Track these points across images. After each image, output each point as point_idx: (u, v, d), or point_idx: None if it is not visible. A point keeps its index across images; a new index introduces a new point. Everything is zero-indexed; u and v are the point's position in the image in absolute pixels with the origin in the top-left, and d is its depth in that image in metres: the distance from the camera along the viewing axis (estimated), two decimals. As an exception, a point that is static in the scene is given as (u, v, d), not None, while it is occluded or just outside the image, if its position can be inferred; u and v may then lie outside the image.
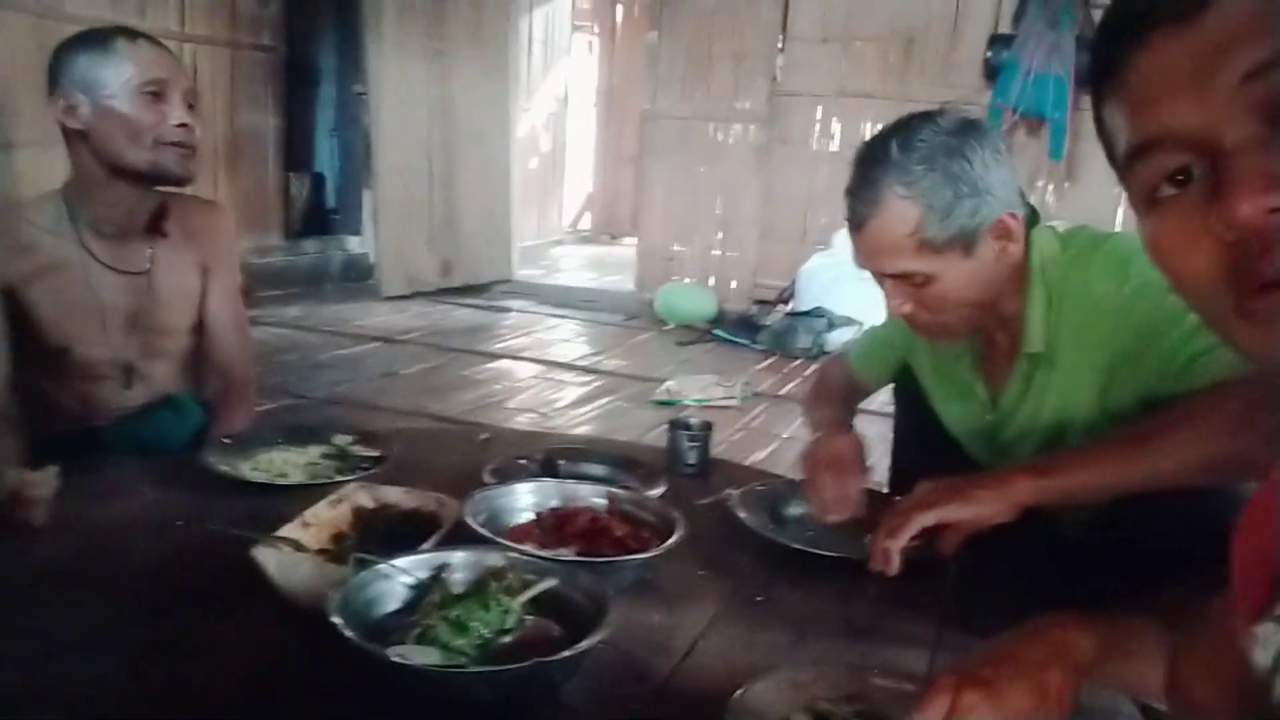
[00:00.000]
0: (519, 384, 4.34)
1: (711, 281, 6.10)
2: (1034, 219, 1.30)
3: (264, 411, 1.90)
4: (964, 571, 1.15)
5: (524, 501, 1.28)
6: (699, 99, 5.97)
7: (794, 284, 5.49)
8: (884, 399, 1.75)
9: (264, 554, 1.01)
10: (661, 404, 3.99)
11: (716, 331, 5.52)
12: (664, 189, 6.21)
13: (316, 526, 1.14)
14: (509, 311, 6.05)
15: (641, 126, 6.52)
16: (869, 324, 1.73)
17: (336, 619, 0.86)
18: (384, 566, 0.98)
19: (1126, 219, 4.52)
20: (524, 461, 1.49)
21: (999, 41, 5.12)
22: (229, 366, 1.79)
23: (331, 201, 6.71)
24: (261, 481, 1.37)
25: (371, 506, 1.22)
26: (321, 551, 1.10)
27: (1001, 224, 1.22)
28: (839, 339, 4.80)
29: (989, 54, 5.15)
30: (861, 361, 1.67)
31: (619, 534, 1.20)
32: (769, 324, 5.32)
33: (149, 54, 1.55)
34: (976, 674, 0.78)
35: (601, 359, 4.89)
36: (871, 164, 1.22)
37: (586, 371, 4.60)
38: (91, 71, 1.51)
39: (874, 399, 1.73)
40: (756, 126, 5.87)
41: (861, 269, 1.31)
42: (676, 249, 6.22)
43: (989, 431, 1.42)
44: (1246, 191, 0.48)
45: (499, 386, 4.25)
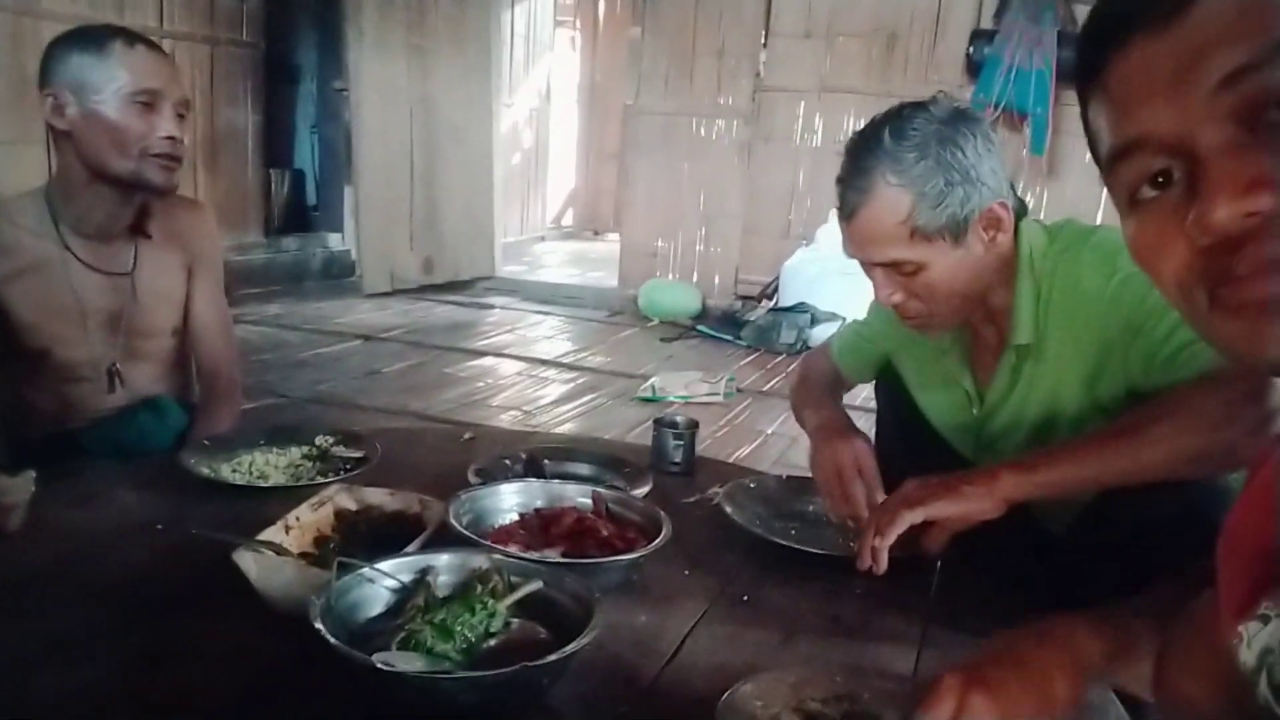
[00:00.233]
0: (502, 381, 4.33)
1: (695, 277, 6.11)
2: (1023, 210, 1.30)
3: (245, 411, 1.87)
4: (949, 569, 1.16)
5: (509, 502, 1.28)
6: (682, 95, 5.97)
7: (777, 280, 5.50)
8: (866, 394, 1.76)
9: (245, 558, 1.00)
10: (645, 400, 3.99)
11: (700, 327, 5.53)
12: (647, 185, 6.21)
13: (298, 529, 1.13)
14: (492, 308, 6.04)
15: (624, 122, 6.53)
16: (851, 319, 1.73)
17: (319, 624, 0.85)
18: (367, 570, 0.97)
19: (1108, 213, 4.55)
20: (509, 461, 1.49)
21: (981, 37, 5.14)
22: (214, 369, 1.76)
23: (312, 198, 6.68)
24: (242, 484, 1.36)
25: (354, 509, 1.21)
26: (304, 555, 1.09)
27: (992, 213, 1.22)
28: (822, 334, 4.81)
29: (971, 49, 5.19)
30: (844, 357, 1.67)
31: (605, 534, 1.19)
32: (752, 320, 5.33)
33: (145, 62, 1.50)
34: (983, 675, 0.77)
35: (585, 356, 4.88)
36: (864, 152, 1.22)
37: (570, 368, 4.59)
38: (84, 73, 1.47)
39: (856, 394, 1.73)
40: (740, 122, 5.88)
41: (851, 258, 1.30)
42: (660, 245, 6.22)
43: (975, 426, 1.42)
44: (1222, 196, 0.48)
45: (482, 384, 4.24)
